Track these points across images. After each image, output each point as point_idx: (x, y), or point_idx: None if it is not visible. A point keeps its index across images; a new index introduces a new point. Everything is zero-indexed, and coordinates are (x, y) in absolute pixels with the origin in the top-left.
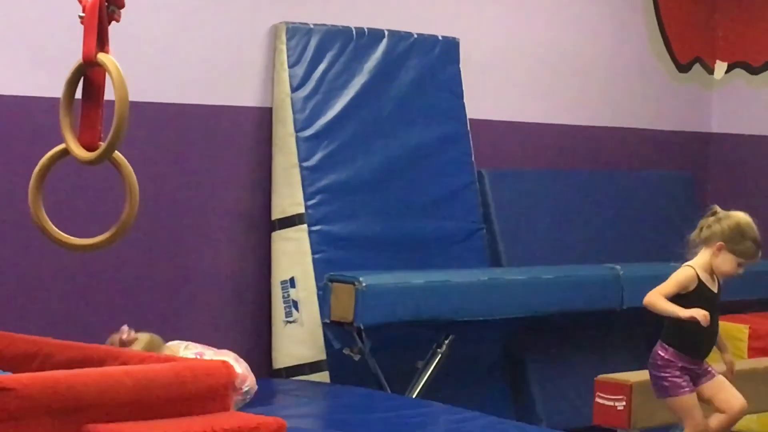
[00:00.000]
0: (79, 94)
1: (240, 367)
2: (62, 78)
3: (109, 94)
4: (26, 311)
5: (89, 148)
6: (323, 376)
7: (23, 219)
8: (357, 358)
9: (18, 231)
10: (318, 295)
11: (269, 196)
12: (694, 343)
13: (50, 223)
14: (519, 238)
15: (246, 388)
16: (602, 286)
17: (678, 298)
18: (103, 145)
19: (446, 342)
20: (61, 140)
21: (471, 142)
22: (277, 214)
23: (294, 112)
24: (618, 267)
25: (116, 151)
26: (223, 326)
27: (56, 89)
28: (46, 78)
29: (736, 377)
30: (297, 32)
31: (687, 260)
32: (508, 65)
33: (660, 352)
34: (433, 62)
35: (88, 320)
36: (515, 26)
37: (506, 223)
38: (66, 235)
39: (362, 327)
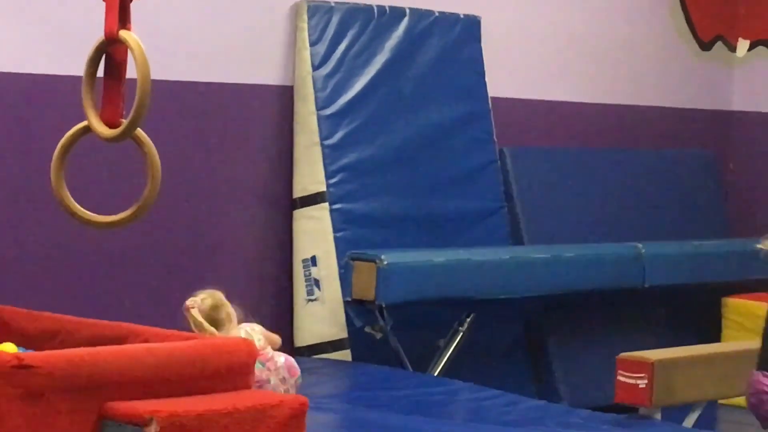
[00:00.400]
0: (101, 72)
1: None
2: (84, 56)
3: (131, 72)
4: (48, 289)
5: (111, 126)
6: (345, 355)
7: (46, 197)
8: (378, 336)
9: (40, 208)
10: (339, 273)
11: (291, 174)
12: None
13: (72, 200)
14: (540, 217)
15: None
16: (624, 264)
17: None
18: (124, 122)
19: (467, 320)
20: (83, 118)
21: (492, 121)
22: (298, 192)
23: (315, 91)
24: (640, 245)
25: (138, 129)
26: (245, 304)
27: (78, 67)
28: (68, 56)
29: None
30: (318, 10)
31: None
32: (529, 43)
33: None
34: (454, 40)
35: (109, 298)
36: (537, 4)
37: (528, 201)
38: (88, 212)
39: (384, 305)
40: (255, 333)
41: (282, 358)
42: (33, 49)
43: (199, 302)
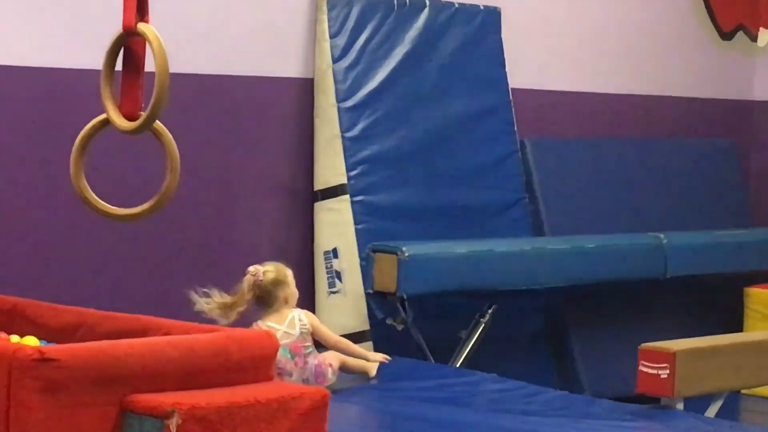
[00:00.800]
0: (119, 66)
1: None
2: (102, 50)
3: (149, 65)
4: (69, 282)
5: (130, 118)
6: (367, 347)
7: (67, 190)
8: (400, 328)
9: (61, 202)
10: (361, 265)
11: (312, 166)
12: None
13: (92, 192)
14: (561, 208)
15: None
16: (646, 254)
17: None
18: (143, 114)
19: (489, 311)
20: (102, 111)
21: (513, 112)
22: (319, 184)
23: (336, 83)
24: (661, 235)
25: (157, 121)
26: None
27: (97, 61)
28: (87, 50)
29: None
30: (338, 3)
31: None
32: (550, 34)
33: None
34: (474, 32)
35: (130, 291)
36: None
37: (549, 192)
38: (107, 205)
39: (405, 297)
40: (299, 322)
41: (316, 360)
42: (52, 43)
43: (261, 272)
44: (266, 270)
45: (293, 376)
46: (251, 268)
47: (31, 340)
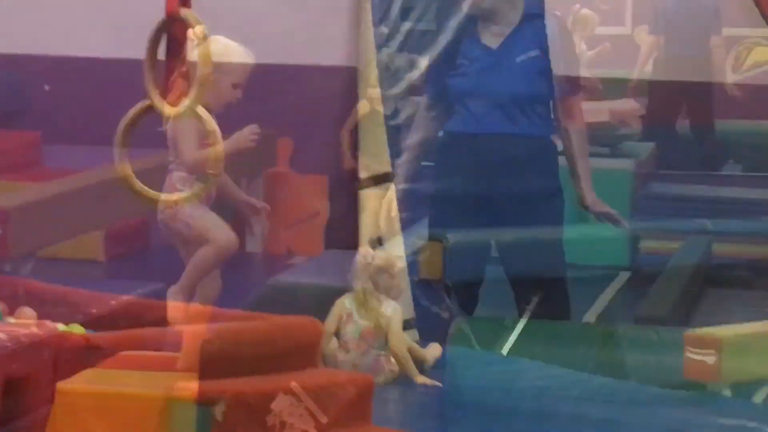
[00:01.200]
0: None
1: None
2: (142, 40)
3: None
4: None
5: (173, 104)
6: (412, 334)
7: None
8: (446, 316)
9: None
10: (406, 253)
11: (356, 155)
12: None
13: (135, 178)
14: None
15: None
16: (692, 240)
17: None
18: (186, 100)
19: (535, 299)
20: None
21: (557, 100)
22: (364, 172)
23: (380, 71)
24: (708, 222)
25: (200, 107)
26: None
27: (136, 50)
28: (127, 39)
29: None
30: None
31: None
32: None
33: None
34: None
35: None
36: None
37: None
38: (151, 191)
39: (450, 285)
40: (382, 313)
41: (373, 358)
42: (93, 33)
43: (370, 256)
44: (375, 255)
45: (349, 355)
46: (362, 250)
47: (77, 328)
